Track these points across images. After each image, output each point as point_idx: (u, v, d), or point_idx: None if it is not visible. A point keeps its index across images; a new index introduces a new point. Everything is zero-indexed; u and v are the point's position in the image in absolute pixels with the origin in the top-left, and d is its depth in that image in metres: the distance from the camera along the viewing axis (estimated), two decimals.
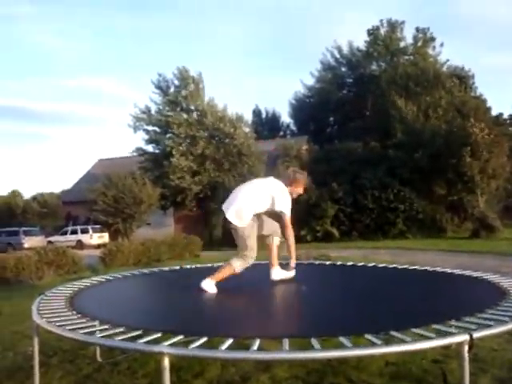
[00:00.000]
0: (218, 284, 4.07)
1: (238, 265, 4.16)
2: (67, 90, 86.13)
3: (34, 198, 59.08)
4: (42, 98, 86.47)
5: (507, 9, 61.37)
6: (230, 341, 2.32)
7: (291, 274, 4.45)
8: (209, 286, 4.05)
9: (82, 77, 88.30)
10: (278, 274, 4.41)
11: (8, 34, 76.67)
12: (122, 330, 2.63)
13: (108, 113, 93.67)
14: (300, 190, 4.48)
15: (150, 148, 29.96)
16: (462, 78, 31.13)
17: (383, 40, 32.98)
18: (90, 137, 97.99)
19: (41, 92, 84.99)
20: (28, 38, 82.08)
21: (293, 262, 4.43)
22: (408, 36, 33.92)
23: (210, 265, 6.41)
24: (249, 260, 4.19)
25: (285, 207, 4.27)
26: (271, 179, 4.46)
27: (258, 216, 4.30)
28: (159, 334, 2.53)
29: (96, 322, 2.85)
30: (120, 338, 2.48)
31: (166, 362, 2.19)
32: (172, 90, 29.07)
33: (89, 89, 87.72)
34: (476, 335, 2.26)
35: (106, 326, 2.72)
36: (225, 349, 2.25)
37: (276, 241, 4.49)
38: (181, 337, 2.48)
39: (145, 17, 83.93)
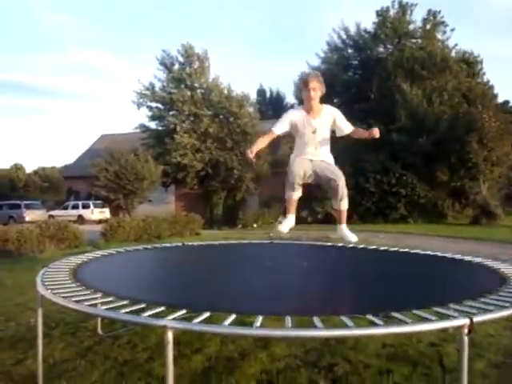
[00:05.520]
0: (223, 259, 4.06)
1: None
2: (71, 65, 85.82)
3: (36, 172, 59.22)
4: (45, 72, 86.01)
5: None
6: (232, 317, 2.34)
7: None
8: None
9: (85, 52, 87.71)
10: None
11: (7, 8, 75.78)
12: (125, 303, 2.64)
13: (112, 88, 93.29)
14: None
15: (153, 125, 29.82)
16: (470, 64, 30.81)
17: (392, 22, 32.50)
18: (94, 112, 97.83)
19: (44, 67, 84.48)
20: (30, 12, 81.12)
21: None
22: (418, 19, 33.40)
23: (211, 242, 6.46)
24: None
25: None
26: None
27: None
28: (162, 308, 2.54)
29: (99, 295, 2.87)
30: (124, 310, 2.50)
31: (170, 335, 2.20)
32: (176, 67, 28.85)
33: (93, 64, 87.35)
34: (476, 319, 2.26)
35: (109, 299, 2.73)
36: (228, 324, 2.27)
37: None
38: (183, 311, 2.50)
39: None
